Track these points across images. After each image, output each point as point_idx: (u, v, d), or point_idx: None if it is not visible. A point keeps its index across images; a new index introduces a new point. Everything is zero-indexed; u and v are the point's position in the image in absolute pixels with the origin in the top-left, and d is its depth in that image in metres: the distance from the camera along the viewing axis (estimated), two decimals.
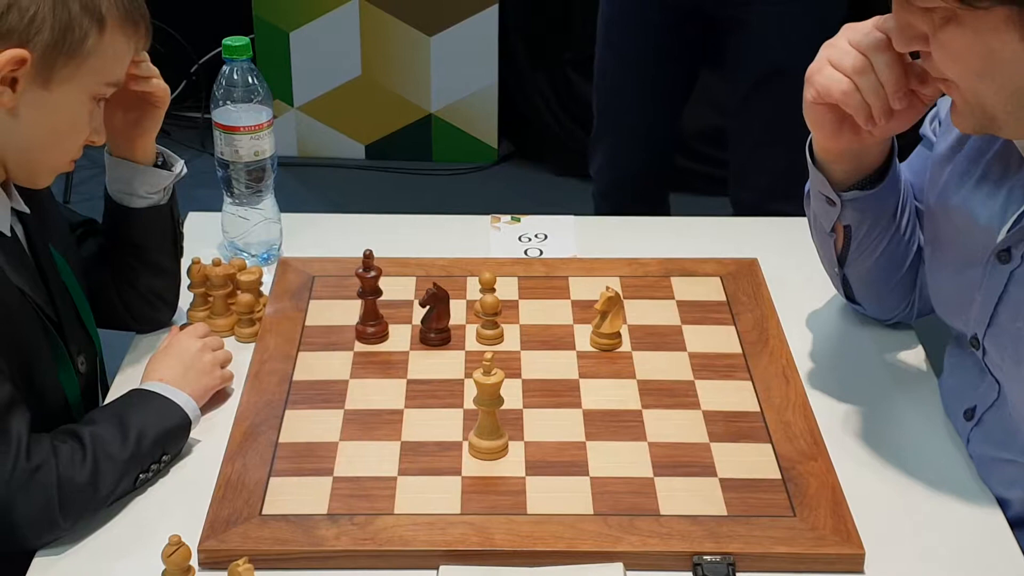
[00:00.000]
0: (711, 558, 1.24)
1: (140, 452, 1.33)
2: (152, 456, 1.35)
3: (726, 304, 1.66)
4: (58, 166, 1.41)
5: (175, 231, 1.60)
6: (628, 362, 1.54)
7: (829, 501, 1.31)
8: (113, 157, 1.54)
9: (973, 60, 1.20)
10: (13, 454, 1.25)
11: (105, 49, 1.33)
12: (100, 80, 1.35)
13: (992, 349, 1.36)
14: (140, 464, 1.34)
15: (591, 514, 1.30)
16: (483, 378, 1.36)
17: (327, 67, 3.89)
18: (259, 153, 1.73)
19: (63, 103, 1.33)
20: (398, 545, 1.26)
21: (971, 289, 1.37)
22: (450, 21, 3.81)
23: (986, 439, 1.39)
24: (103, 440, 1.31)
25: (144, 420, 1.35)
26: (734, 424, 1.44)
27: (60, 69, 1.30)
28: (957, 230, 1.40)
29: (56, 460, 1.27)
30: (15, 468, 1.24)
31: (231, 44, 1.70)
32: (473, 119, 3.94)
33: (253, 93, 1.72)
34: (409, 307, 1.64)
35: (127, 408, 1.37)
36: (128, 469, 1.32)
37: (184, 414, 1.39)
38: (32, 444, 1.27)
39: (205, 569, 1.23)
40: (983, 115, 1.25)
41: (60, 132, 1.36)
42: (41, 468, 1.26)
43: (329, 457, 1.38)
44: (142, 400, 1.39)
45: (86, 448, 1.30)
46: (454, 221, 1.92)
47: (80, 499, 1.28)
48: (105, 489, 1.30)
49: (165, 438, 1.37)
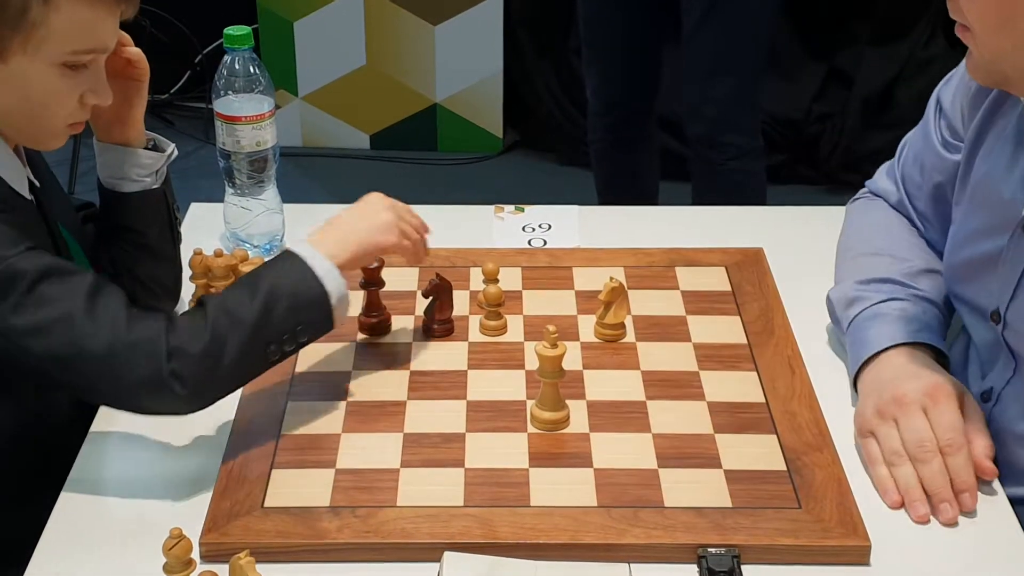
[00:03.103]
0: (716, 550, 1.23)
1: (270, 318, 1.28)
2: (284, 325, 1.29)
3: (731, 294, 1.65)
4: (56, 129, 1.39)
5: (171, 215, 1.58)
6: (632, 353, 1.53)
7: (835, 493, 1.30)
8: (101, 143, 1.53)
9: (995, 10, 1.20)
10: (108, 329, 1.24)
11: (58, 18, 1.30)
12: (63, 49, 1.32)
13: (1015, 321, 1.34)
14: (269, 332, 1.28)
15: (595, 506, 1.29)
16: (546, 351, 1.37)
17: (331, 57, 3.88)
18: (261, 143, 1.72)
19: (27, 74, 1.32)
20: (401, 538, 1.25)
21: (993, 261, 1.36)
22: (455, 10, 3.80)
23: (1005, 415, 1.38)
24: (227, 302, 1.29)
25: (277, 281, 1.30)
26: (739, 415, 1.43)
27: (8, 41, 1.29)
28: (979, 202, 1.38)
29: (168, 332, 1.26)
30: (113, 342, 1.24)
31: (232, 34, 1.69)
32: (478, 108, 3.93)
33: (255, 83, 1.71)
34: (412, 298, 1.63)
35: (265, 268, 1.33)
36: (255, 335, 1.27)
37: (320, 286, 1.32)
38: (132, 320, 1.26)
39: (207, 562, 1.23)
40: (997, 70, 1.25)
41: (35, 101, 1.35)
42: (143, 342, 1.25)
43: (331, 449, 1.37)
44: (283, 260, 1.34)
45: (207, 315, 1.28)
46: (458, 211, 1.92)
47: (200, 369, 1.26)
48: (228, 356, 1.27)
49: (299, 307, 1.30)
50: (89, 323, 1.26)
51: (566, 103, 3.88)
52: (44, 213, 1.44)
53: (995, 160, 1.36)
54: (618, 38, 2.72)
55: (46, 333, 1.25)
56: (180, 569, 1.20)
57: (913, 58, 3.74)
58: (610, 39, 2.73)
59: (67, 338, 1.25)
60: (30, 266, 1.26)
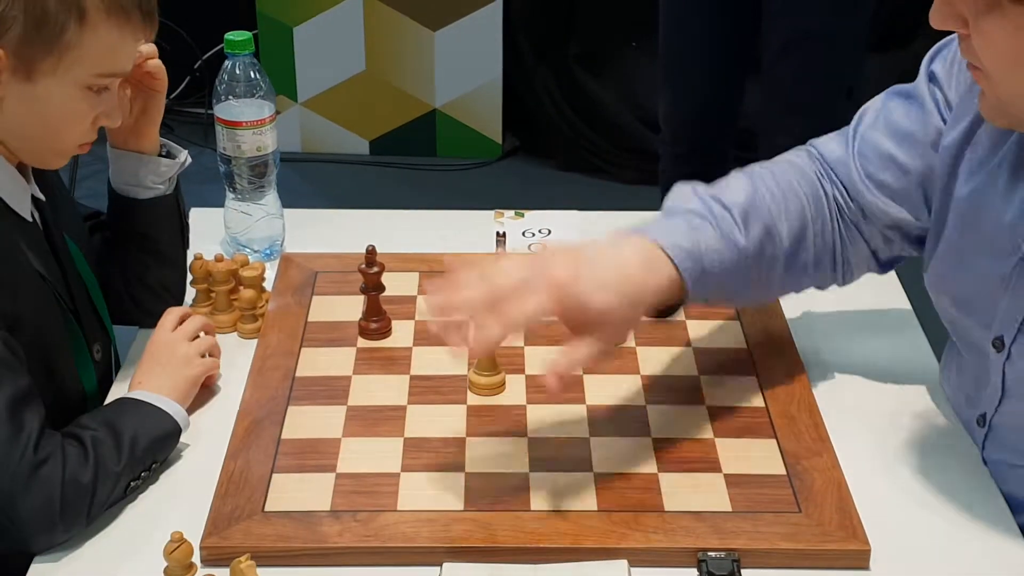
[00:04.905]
0: (716, 554, 1.24)
1: (133, 460, 1.31)
2: (143, 464, 1.33)
3: None
4: (65, 150, 1.40)
5: (182, 221, 1.60)
6: (632, 357, 1.54)
7: (835, 497, 1.30)
8: (117, 149, 1.54)
9: (1009, 53, 1.16)
10: (22, 446, 1.24)
11: (91, 40, 1.31)
12: (90, 71, 1.33)
13: (1019, 356, 1.30)
14: (132, 472, 1.31)
15: (595, 511, 1.29)
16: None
17: (331, 62, 3.88)
18: (261, 148, 1.73)
19: (50, 95, 1.32)
20: (401, 542, 1.25)
21: (996, 288, 1.31)
22: (454, 16, 3.80)
23: (1002, 446, 1.35)
24: (102, 445, 1.30)
25: (136, 428, 1.33)
26: (739, 420, 1.43)
27: (40, 62, 1.30)
28: (974, 224, 1.34)
29: (63, 458, 1.26)
30: (21, 460, 1.23)
31: (233, 39, 1.70)
32: (477, 114, 3.93)
33: (255, 88, 1.71)
34: (412, 303, 1.64)
35: (119, 415, 1.35)
36: (122, 477, 1.30)
37: (173, 421, 1.37)
38: (42, 439, 1.26)
39: (207, 566, 1.23)
40: (1010, 112, 1.22)
41: (53, 122, 1.35)
42: (47, 462, 1.25)
43: (332, 453, 1.37)
44: (132, 408, 1.37)
45: (87, 451, 1.28)
46: (458, 216, 1.92)
47: (80, 503, 1.26)
48: (102, 495, 1.28)
49: (156, 445, 1.35)
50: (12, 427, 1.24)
51: (566, 108, 3.89)
52: (48, 229, 1.44)
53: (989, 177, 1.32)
54: (698, 63, 2.63)
55: None
56: (181, 573, 1.20)
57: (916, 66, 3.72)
58: (690, 62, 2.64)
59: None
60: None
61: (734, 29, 2.58)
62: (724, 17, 2.56)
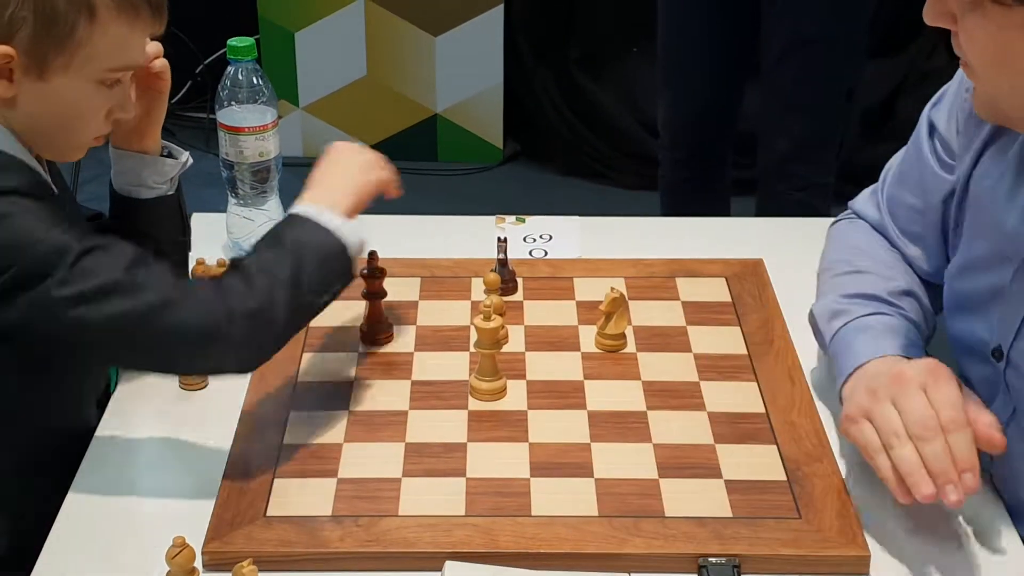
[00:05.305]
0: (716, 560, 1.24)
1: (302, 274, 1.32)
2: (316, 277, 1.33)
3: (731, 305, 1.65)
4: (82, 144, 1.41)
5: (183, 222, 1.60)
6: (633, 363, 1.54)
7: (835, 503, 1.31)
8: (119, 150, 1.54)
9: (991, 52, 1.19)
10: (158, 289, 1.27)
11: (101, 37, 1.32)
12: (102, 67, 1.34)
13: (1019, 361, 1.30)
14: (307, 285, 1.32)
15: (596, 516, 1.29)
16: (483, 323, 1.42)
17: (332, 67, 3.89)
18: (264, 154, 1.73)
19: (64, 91, 1.33)
20: (403, 547, 1.25)
21: (998, 295, 1.32)
22: (455, 21, 3.81)
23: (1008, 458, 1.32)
24: (262, 262, 1.32)
25: (299, 239, 1.34)
26: (739, 425, 1.43)
27: (52, 60, 1.30)
28: (979, 229, 1.35)
29: (220, 294, 1.29)
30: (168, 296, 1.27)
31: (236, 45, 1.70)
32: (478, 119, 3.94)
33: (258, 94, 1.72)
34: (414, 308, 1.64)
35: (283, 228, 1.37)
36: (296, 289, 1.31)
37: (338, 240, 1.35)
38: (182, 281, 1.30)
39: (209, 571, 1.23)
40: (997, 107, 1.24)
41: (68, 118, 1.36)
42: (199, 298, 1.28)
43: (333, 459, 1.38)
44: (294, 222, 1.37)
45: (249, 276, 1.31)
46: (459, 222, 1.92)
47: (255, 328, 1.29)
48: (279, 313, 1.30)
49: (325, 260, 1.35)
50: (138, 286, 1.27)
51: (567, 113, 3.89)
52: None
53: (996, 184, 1.33)
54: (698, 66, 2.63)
55: (99, 301, 1.26)
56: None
57: (914, 71, 3.74)
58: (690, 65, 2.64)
59: (120, 304, 1.26)
60: (73, 240, 1.27)
61: (733, 32, 2.58)
62: (723, 20, 2.56)
